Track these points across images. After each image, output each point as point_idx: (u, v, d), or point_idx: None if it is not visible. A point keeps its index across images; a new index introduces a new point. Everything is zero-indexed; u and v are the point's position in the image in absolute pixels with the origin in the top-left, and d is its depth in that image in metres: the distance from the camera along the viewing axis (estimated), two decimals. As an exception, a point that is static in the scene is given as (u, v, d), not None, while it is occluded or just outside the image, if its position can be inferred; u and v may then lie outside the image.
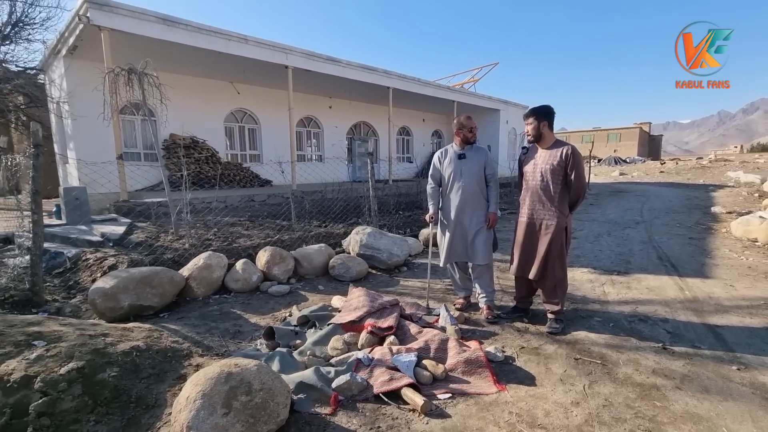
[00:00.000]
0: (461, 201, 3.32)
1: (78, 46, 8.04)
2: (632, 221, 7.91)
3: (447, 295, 3.82)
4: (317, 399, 2.13)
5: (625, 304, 3.54)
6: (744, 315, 3.24)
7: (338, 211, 7.48)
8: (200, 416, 1.66)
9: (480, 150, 3.40)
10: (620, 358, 2.57)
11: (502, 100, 18.36)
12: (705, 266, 4.70)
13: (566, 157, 2.82)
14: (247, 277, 3.87)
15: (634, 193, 13.44)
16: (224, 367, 1.84)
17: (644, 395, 2.16)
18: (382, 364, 2.35)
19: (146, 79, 5.25)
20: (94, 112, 8.33)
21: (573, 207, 2.96)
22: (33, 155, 3.09)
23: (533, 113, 2.89)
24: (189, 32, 7.93)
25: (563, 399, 2.14)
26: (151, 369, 2.31)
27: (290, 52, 9.80)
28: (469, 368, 2.38)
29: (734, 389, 2.20)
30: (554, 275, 2.94)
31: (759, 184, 12.67)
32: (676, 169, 24.83)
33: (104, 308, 3.02)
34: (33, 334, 2.24)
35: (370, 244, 4.69)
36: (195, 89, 10.94)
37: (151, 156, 10.69)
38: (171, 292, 3.37)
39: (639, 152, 50.40)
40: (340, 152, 15.22)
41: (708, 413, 1.99)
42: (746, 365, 2.44)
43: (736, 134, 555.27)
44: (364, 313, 2.91)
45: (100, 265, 4.09)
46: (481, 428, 1.91)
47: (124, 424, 1.93)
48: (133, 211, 6.97)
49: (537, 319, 3.22)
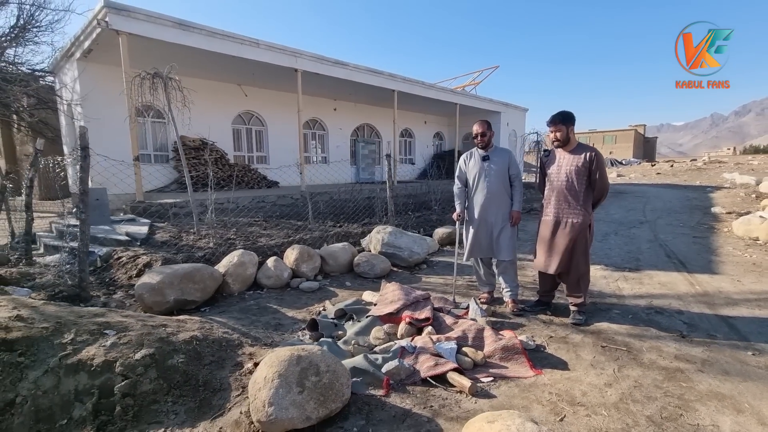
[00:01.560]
0: (486, 200, 3.50)
1: (93, 49, 8.17)
2: (636, 221, 8.15)
3: (470, 291, 4.00)
4: (370, 382, 2.30)
5: (640, 298, 3.74)
6: (753, 307, 3.45)
7: (350, 211, 7.65)
8: (279, 393, 1.83)
9: (504, 152, 3.58)
10: (643, 346, 2.76)
11: (502, 103, 18.64)
12: (712, 263, 4.92)
13: (591, 159, 3.02)
14: (279, 274, 4.03)
15: (634, 194, 13.72)
16: (294, 351, 2.01)
17: (670, 377, 2.35)
18: (425, 351, 2.53)
19: (171, 83, 5.41)
20: (107, 115, 8.54)
21: (596, 205, 3.16)
22: (81, 156, 3.24)
23: (561, 120, 3.07)
24: (204, 36, 8.09)
25: (596, 381, 2.33)
26: (211, 356, 2.47)
27: (300, 56, 9.97)
28: (507, 354, 2.57)
29: (752, 372, 2.40)
30: (578, 269, 3.14)
31: (754, 185, 12.98)
32: (673, 170, 25.23)
33: (151, 302, 3.18)
34: (102, 324, 2.40)
35: (391, 243, 4.86)
36: (204, 91, 11.04)
37: (162, 158, 10.83)
38: (211, 287, 3.53)
39: (634, 154, 51.02)
40: (345, 154, 15.41)
41: (731, 392, 2.18)
42: (760, 351, 2.65)
43: (729, 136, 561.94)
44: (401, 305, 3.09)
45: (134, 263, 4.24)
46: (526, 406, 2.10)
47: (197, 405, 2.09)
48: (148, 212, 7.11)
49: (559, 311, 3.41)
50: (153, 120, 10.61)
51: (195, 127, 8.18)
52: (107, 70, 9.02)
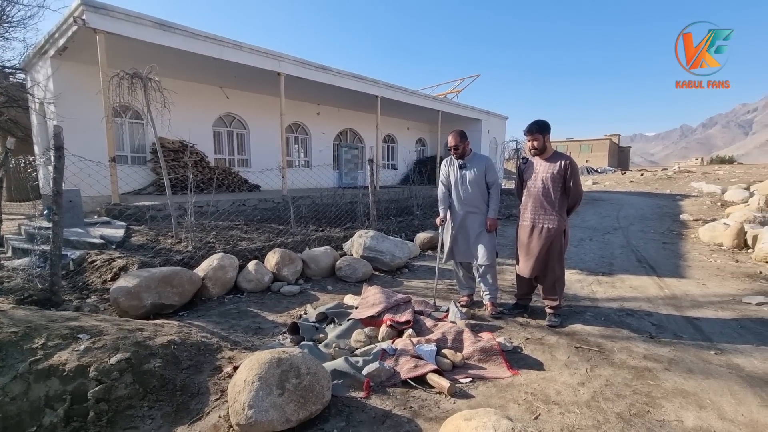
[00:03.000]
0: (464, 206, 3.59)
1: (68, 47, 7.94)
2: (610, 227, 8.44)
3: (450, 294, 4.06)
4: (350, 385, 2.32)
5: (612, 301, 3.89)
6: (716, 309, 3.63)
7: (333, 215, 7.65)
8: (259, 396, 1.82)
9: (482, 159, 3.67)
10: (614, 346, 2.87)
11: (483, 111, 19.00)
12: (679, 267, 5.15)
13: (566, 167, 3.14)
14: (259, 278, 4.00)
15: (609, 201, 14.18)
16: (274, 354, 2.01)
17: (639, 376, 2.45)
18: (406, 353, 2.56)
19: (150, 84, 5.31)
20: (82, 115, 8.30)
21: (570, 211, 3.28)
22: (55, 157, 3.15)
23: (538, 129, 3.18)
24: (185, 38, 7.98)
25: (570, 380, 2.41)
26: (189, 361, 2.44)
27: (283, 60, 9.95)
28: (485, 356, 2.63)
29: (714, 370, 2.53)
30: (554, 273, 3.24)
31: (720, 194, 13.63)
32: (645, 179, 26.19)
33: (127, 306, 3.11)
34: (75, 328, 2.34)
35: (373, 247, 4.89)
36: (184, 93, 10.85)
37: (139, 159, 10.57)
38: (190, 291, 3.48)
39: (609, 162, 52.74)
40: (328, 158, 15.38)
41: (694, 389, 2.30)
42: (722, 350, 2.79)
43: (697, 147, 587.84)
44: (382, 308, 3.12)
45: (109, 266, 4.12)
46: (503, 405, 2.15)
47: (174, 409, 2.06)
48: (124, 214, 6.93)
49: (536, 314, 3.50)
50: (131, 121, 10.36)
51: (175, 128, 8.08)
52: (83, 68, 8.78)
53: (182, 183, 8.68)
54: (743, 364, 2.59)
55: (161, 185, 9.22)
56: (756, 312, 3.54)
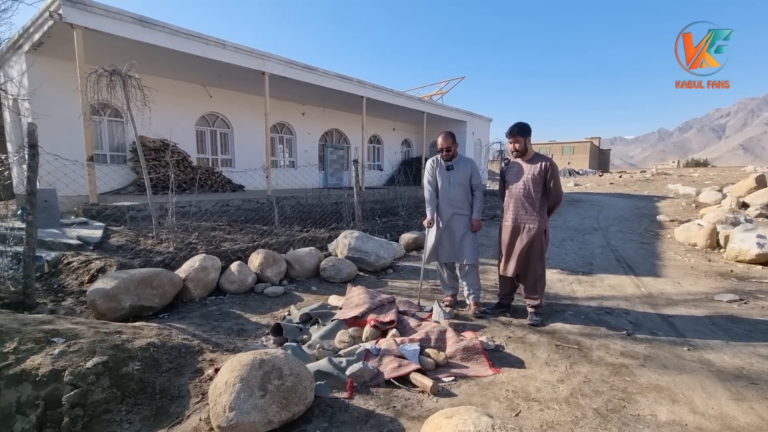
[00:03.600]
0: (449, 207, 3.62)
1: (44, 42, 7.71)
2: (590, 228, 8.63)
3: (434, 294, 4.09)
4: (334, 385, 2.32)
5: (592, 300, 3.98)
6: (690, 307, 3.76)
7: (317, 216, 7.62)
8: (241, 398, 1.80)
9: (467, 161, 3.72)
10: (593, 344, 2.94)
11: (468, 113, 19.21)
12: (656, 267, 5.31)
13: (546, 168, 3.21)
14: (243, 279, 3.95)
15: (589, 202, 14.51)
16: (256, 355, 1.99)
17: (616, 372, 2.52)
18: (389, 353, 2.57)
19: (130, 81, 5.20)
20: (58, 112, 8.06)
21: (551, 212, 3.35)
22: (29, 155, 3.06)
23: (519, 132, 3.24)
24: (167, 35, 7.84)
25: (550, 378, 2.46)
26: (169, 363, 2.39)
27: (268, 59, 9.86)
28: (467, 355, 2.66)
29: (687, 365, 2.62)
30: (535, 272, 3.30)
31: (695, 195, 14.10)
32: (624, 181, 26.89)
33: (105, 309, 3.03)
34: (50, 331, 2.27)
35: (358, 247, 4.89)
36: (166, 91, 10.65)
37: (119, 158, 10.32)
38: (171, 293, 3.41)
39: (590, 165, 53.94)
40: (313, 159, 15.30)
41: (668, 384, 2.37)
42: (695, 346, 2.89)
43: (674, 150, 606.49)
44: (366, 309, 3.12)
45: (86, 268, 4.01)
46: (485, 403, 2.18)
47: (154, 413, 2.02)
48: (102, 215, 6.76)
49: (518, 313, 3.56)
50: (110, 119, 10.11)
51: (156, 127, 7.93)
52: (60, 64, 8.53)
53: (163, 183, 8.52)
54: (714, 359, 2.69)
55: (141, 185, 9.01)
56: (726, 309, 3.68)
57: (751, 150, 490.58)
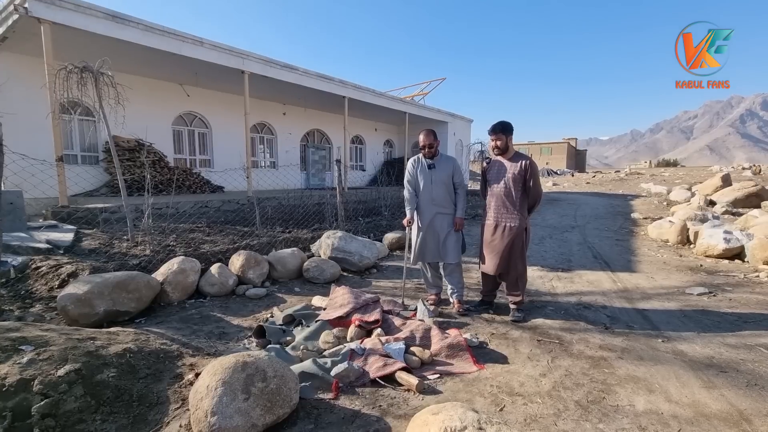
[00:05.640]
0: (432, 206, 3.63)
1: (8, 37, 7.35)
2: (569, 226, 8.85)
3: (418, 293, 4.11)
4: (319, 386, 2.29)
5: (571, 296, 4.07)
6: (663, 300, 3.89)
7: (300, 217, 7.54)
8: (223, 402, 1.76)
9: (449, 160, 3.74)
10: (573, 338, 3.01)
11: (449, 113, 19.39)
12: (631, 262, 5.48)
13: (526, 167, 3.27)
14: (223, 281, 3.87)
15: (567, 201, 14.88)
16: (239, 357, 1.95)
17: (595, 365, 2.59)
18: (375, 353, 2.56)
19: (102, 79, 5.01)
20: (25, 110, 7.71)
21: (531, 210, 3.41)
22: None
23: (501, 130, 3.29)
24: (140, 31, 7.61)
25: (532, 372, 2.50)
26: (147, 369, 2.32)
27: (247, 58, 9.70)
28: (452, 352, 2.68)
29: (661, 356, 2.71)
30: (516, 270, 3.36)
31: (666, 194, 14.65)
32: (599, 180, 27.69)
33: (77, 314, 2.91)
34: (17, 339, 2.16)
35: (341, 248, 4.86)
36: (141, 89, 10.35)
37: (91, 159, 9.95)
38: (148, 296, 3.30)
39: (567, 165, 55.31)
40: (294, 159, 15.13)
41: (644, 375, 2.45)
42: (668, 338, 3.00)
43: (646, 151, 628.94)
44: (351, 309, 3.10)
45: (56, 273, 3.84)
46: (470, 399, 2.20)
47: (131, 421, 1.94)
48: (73, 217, 6.50)
49: (500, 310, 3.61)
50: (81, 117, 9.73)
51: (130, 127, 7.66)
52: (26, 60, 8.17)
53: (139, 184, 8.26)
54: (686, 350, 2.80)
55: (115, 186, 8.72)
56: (697, 302, 3.84)
57: (717, 150, 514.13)
